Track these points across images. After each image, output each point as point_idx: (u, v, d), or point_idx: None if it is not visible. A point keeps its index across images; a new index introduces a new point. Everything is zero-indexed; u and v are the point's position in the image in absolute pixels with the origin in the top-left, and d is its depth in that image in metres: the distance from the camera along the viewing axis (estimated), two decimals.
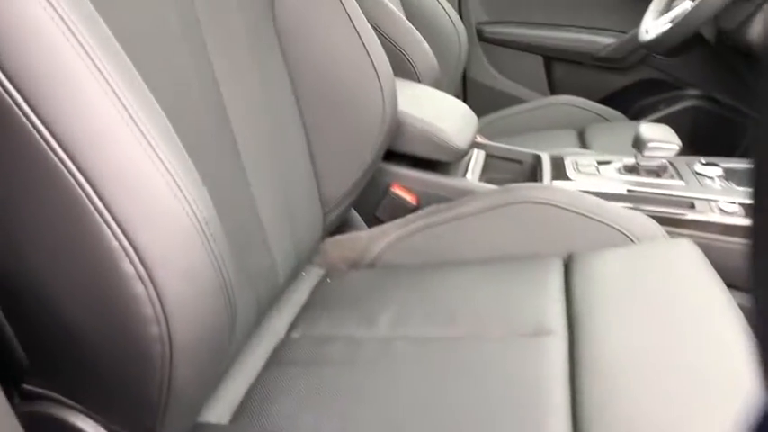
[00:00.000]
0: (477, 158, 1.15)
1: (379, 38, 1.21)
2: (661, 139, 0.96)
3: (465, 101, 1.92)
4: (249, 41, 0.74)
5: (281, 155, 0.79)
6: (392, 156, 1.01)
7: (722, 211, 0.89)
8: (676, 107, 1.66)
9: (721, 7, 1.17)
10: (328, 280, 0.90)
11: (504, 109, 1.74)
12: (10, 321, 0.46)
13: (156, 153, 0.39)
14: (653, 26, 1.34)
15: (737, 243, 0.87)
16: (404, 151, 1.00)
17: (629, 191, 0.97)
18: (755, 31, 1.21)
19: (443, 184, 1.00)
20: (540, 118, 1.66)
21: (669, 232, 0.85)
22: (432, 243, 0.89)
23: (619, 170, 1.03)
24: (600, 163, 1.07)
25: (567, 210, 0.84)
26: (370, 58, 0.86)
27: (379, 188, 1.01)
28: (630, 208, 0.92)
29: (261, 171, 0.75)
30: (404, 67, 1.21)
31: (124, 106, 0.39)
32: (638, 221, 0.82)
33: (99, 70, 0.38)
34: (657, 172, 0.99)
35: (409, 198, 0.99)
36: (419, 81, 1.22)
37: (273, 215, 0.76)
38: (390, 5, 1.24)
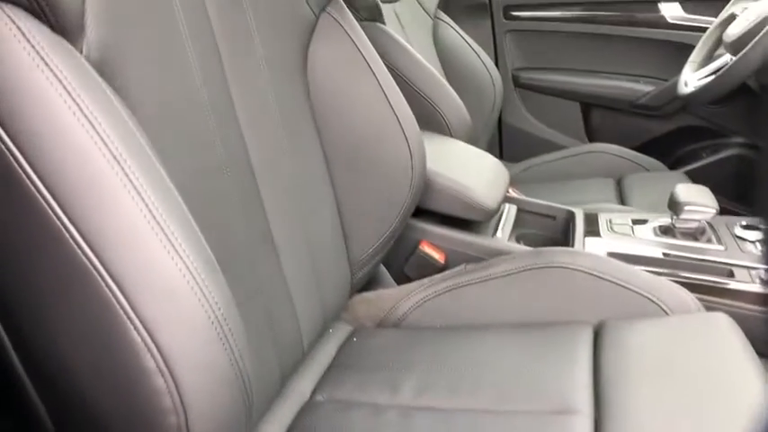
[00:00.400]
0: (508, 213, 1.14)
1: (412, 92, 1.24)
2: (698, 202, 0.94)
3: (501, 146, 1.93)
4: (280, 105, 0.76)
5: (309, 217, 0.81)
6: (421, 212, 1.01)
7: (762, 280, 0.86)
8: (718, 156, 1.62)
9: (763, 62, 1.15)
10: (355, 339, 0.90)
11: (540, 155, 1.73)
12: (42, 399, 0.48)
13: (178, 254, 0.41)
14: (692, 79, 1.32)
15: None
16: (433, 209, 1.01)
17: (664, 254, 0.94)
18: None
19: (472, 243, 1.00)
20: (577, 165, 1.64)
21: (706, 301, 0.83)
22: (458, 305, 0.88)
23: (654, 231, 1.01)
24: (635, 222, 1.05)
25: (598, 277, 0.82)
26: (399, 122, 0.87)
27: (407, 244, 1.01)
28: (665, 273, 0.90)
29: (289, 234, 0.76)
30: (436, 121, 1.22)
31: (147, 206, 0.41)
32: (672, 292, 0.79)
33: (123, 170, 0.41)
34: (694, 234, 0.97)
35: (437, 256, 0.99)
36: (451, 135, 1.23)
37: (301, 279, 0.78)
38: (422, 60, 1.26)
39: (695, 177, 1.52)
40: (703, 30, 1.58)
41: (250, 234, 0.69)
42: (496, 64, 1.86)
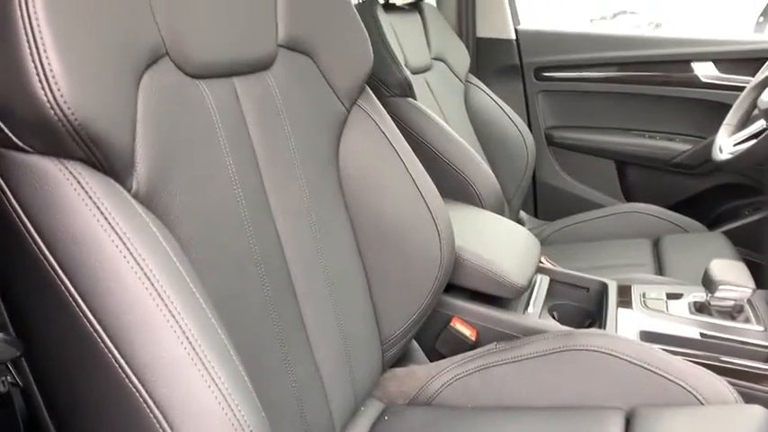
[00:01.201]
0: (541, 284, 1.15)
1: (443, 164, 1.27)
2: (733, 281, 0.92)
3: (535, 204, 1.93)
4: (314, 199, 0.80)
5: (341, 300, 0.84)
6: (453, 287, 1.03)
7: None
8: (759, 215, 1.58)
9: None
10: (386, 417, 0.91)
11: (575, 214, 1.72)
12: None
13: (215, 383, 0.45)
14: (727, 144, 1.31)
15: None
16: (463, 285, 1.02)
17: (701, 334, 0.93)
18: None
19: (503, 320, 1.00)
20: (613, 225, 1.63)
21: (743, 388, 0.81)
22: (489, 385, 0.89)
23: (689, 307, 0.99)
24: (669, 296, 1.04)
25: (631, 362, 0.81)
26: (427, 205, 0.90)
27: (438, 320, 1.03)
28: (701, 356, 0.89)
29: (320, 319, 0.79)
30: (467, 192, 1.25)
31: (189, 341, 0.45)
32: (708, 382, 0.78)
33: (170, 310, 0.45)
34: (731, 313, 0.95)
35: (469, 333, 1.00)
36: (482, 205, 1.25)
37: (332, 362, 0.80)
38: (452, 132, 1.29)
39: (735, 237, 1.49)
40: (738, 89, 1.58)
41: (282, 322, 0.72)
42: (529, 123, 1.88)
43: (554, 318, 1.09)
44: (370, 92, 0.92)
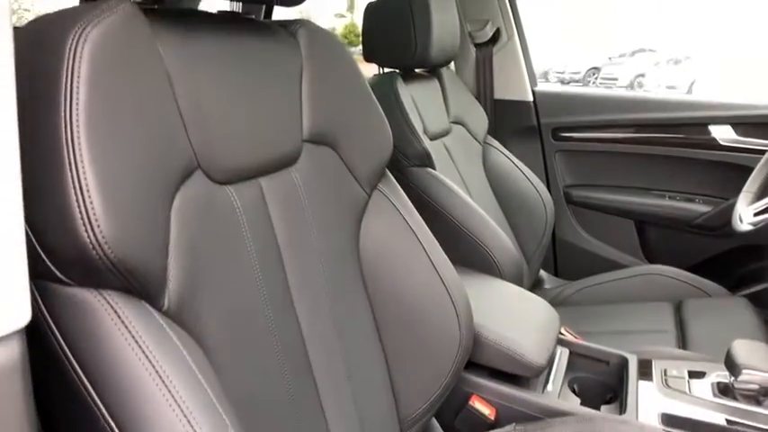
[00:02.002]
0: (560, 358, 1.14)
1: (462, 233, 1.29)
2: (756, 365, 0.91)
3: (555, 263, 1.93)
4: (335, 286, 0.82)
5: (360, 383, 0.85)
6: (472, 364, 1.03)
7: None
8: None
9: None
10: None
11: (596, 274, 1.72)
12: None
13: None
14: (747, 214, 1.30)
15: None
16: (482, 363, 1.02)
17: (727, 421, 0.91)
18: None
19: (522, 400, 1.00)
20: (634, 287, 1.62)
21: None
22: None
23: (713, 388, 0.98)
24: (691, 375, 1.03)
25: None
26: (445, 286, 0.91)
27: (457, 398, 1.03)
28: None
29: (339, 401, 0.80)
30: (486, 261, 1.26)
31: None
32: None
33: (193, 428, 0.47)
34: (757, 397, 0.93)
35: (488, 412, 1.00)
36: (500, 274, 1.26)
37: None
38: (471, 201, 1.31)
39: (758, 300, 1.47)
40: (757, 152, 1.58)
41: (302, 413, 0.74)
42: (548, 181, 1.90)
43: (574, 391, 1.08)
44: (390, 175, 0.95)
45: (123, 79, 0.52)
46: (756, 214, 1.29)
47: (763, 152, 1.52)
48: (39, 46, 0.51)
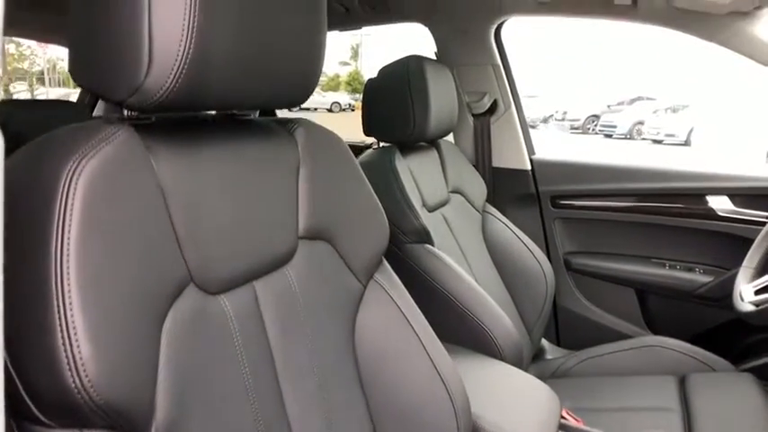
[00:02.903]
0: None
1: (461, 312, 1.28)
2: None
3: (557, 332, 1.91)
4: (330, 387, 0.81)
5: None
6: None
7: None
8: None
9: None
10: None
11: (598, 344, 1.69)
12: None
13: None
14: (747, 292, 1.30)
15: None
16: None
17: None
18: None
19: None
20: (637, 359, 1.59)
21: None
22: None
23: None
24: None
25: None
26: (442, 380, 0.90)
27: None
28: None
29: None
30: (485, 341, 1.25)
31: None
32: None
33: None
34: None
35: None
36: (500, 355, 1.24)
37: None
38: (470, 280, 1.31)
39: (764, 374, 1.44)
40: (756, 224, 1.59)
41: None
42: (548, 249, 1.90)
43: None
44: (386, 264, 0.95)
45: (116, 210, 0.52)
46: (758, 292, 1.28)
47: (761, 224, 1.52)
48: (34, 175, 0.51)
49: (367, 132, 1.52)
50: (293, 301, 0.78)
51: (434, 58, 1.89)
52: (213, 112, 0.80)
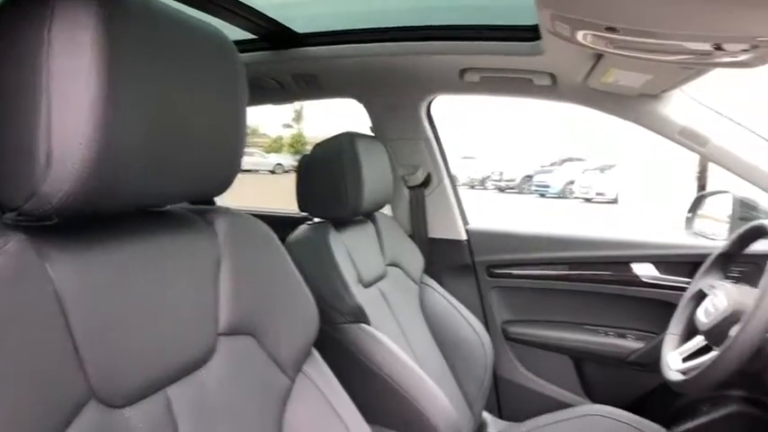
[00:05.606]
0: None
1: (396, 393, 1.25)
2: None
3: (498, 403, 1.89)
4: None
5: None
6: None
7: None
8: (718, 413, 1.57)
9: (750, 357, 1.13)
10: None
11: (539, 414, 1.68)
12: None
13: None
14: (674, 360, 1.32)
15: None
16: None
17: None
18: None
19: None
20: (576, 430, 1.59)
21: None
22: None
23: None
24: None
25: None
26: None
27: None
28: None
29: None
30: (421, 424, 1.21)
31: None
32: None
33: None
34: None
35: None
36: None
37: None
38: (406, 359, 1.29)
39: None
40: (678, 289, 1.65)
41: None
42: (485, 318, 1.90)
43: None
44: (315, 353, 0.92)
45: (5, 331, 0.48)
46: (685, 359, 1.31)
47: (683, 289, 1.58)
48: None
49: (302, 208, 1.51)
50: (213, 405, 0.73)
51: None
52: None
